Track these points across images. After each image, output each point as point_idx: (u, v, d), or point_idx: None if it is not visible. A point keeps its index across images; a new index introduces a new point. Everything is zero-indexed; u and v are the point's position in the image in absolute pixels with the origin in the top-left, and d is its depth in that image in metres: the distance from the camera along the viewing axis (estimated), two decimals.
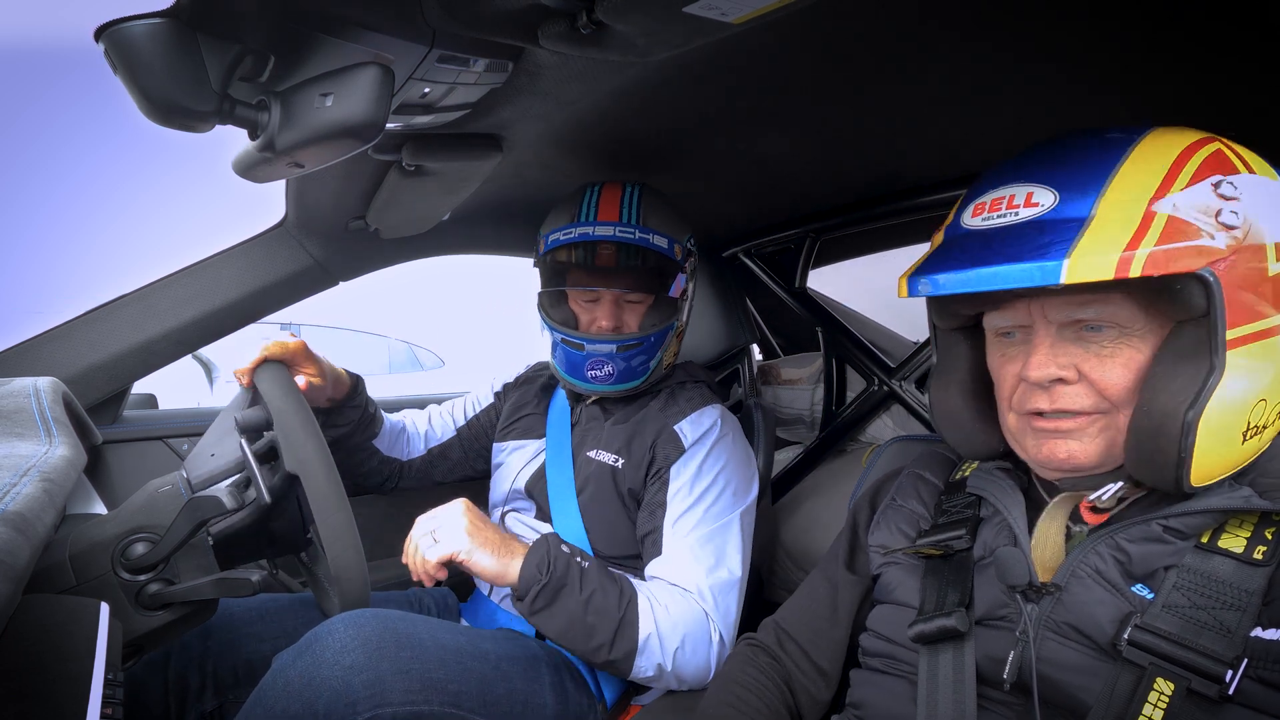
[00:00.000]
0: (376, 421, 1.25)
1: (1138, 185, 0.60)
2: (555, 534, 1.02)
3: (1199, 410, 0.57)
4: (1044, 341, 0.65)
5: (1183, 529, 0.62)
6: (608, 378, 1.14)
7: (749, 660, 0.87)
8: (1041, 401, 0.65)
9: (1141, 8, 0.69)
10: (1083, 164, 0.63)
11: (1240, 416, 0.59)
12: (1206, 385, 0.58)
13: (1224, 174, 0.60)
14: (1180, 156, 0.61)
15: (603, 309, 1.15)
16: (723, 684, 0.86)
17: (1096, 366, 0.63)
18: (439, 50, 0.65)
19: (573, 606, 0.92)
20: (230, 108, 0.59)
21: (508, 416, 1.31)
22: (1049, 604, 0.65)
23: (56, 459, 0.69)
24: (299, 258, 1.32)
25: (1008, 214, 0.63)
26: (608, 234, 1.10)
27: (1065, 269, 0.56)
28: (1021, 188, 0.64)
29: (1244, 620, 0.57)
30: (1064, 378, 0.64)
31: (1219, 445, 0.59)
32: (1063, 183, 0.62)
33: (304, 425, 0.85)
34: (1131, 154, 0.62)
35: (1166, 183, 0.59)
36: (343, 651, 0.80)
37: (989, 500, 0.75)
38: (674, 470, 1.09)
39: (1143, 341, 0.62)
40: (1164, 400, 0.59)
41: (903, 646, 0.74)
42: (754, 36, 0.67)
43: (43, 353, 1.17)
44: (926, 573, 0.75)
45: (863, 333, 1.53)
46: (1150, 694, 0.57)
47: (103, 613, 0.61)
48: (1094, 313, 0.62)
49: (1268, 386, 0.60)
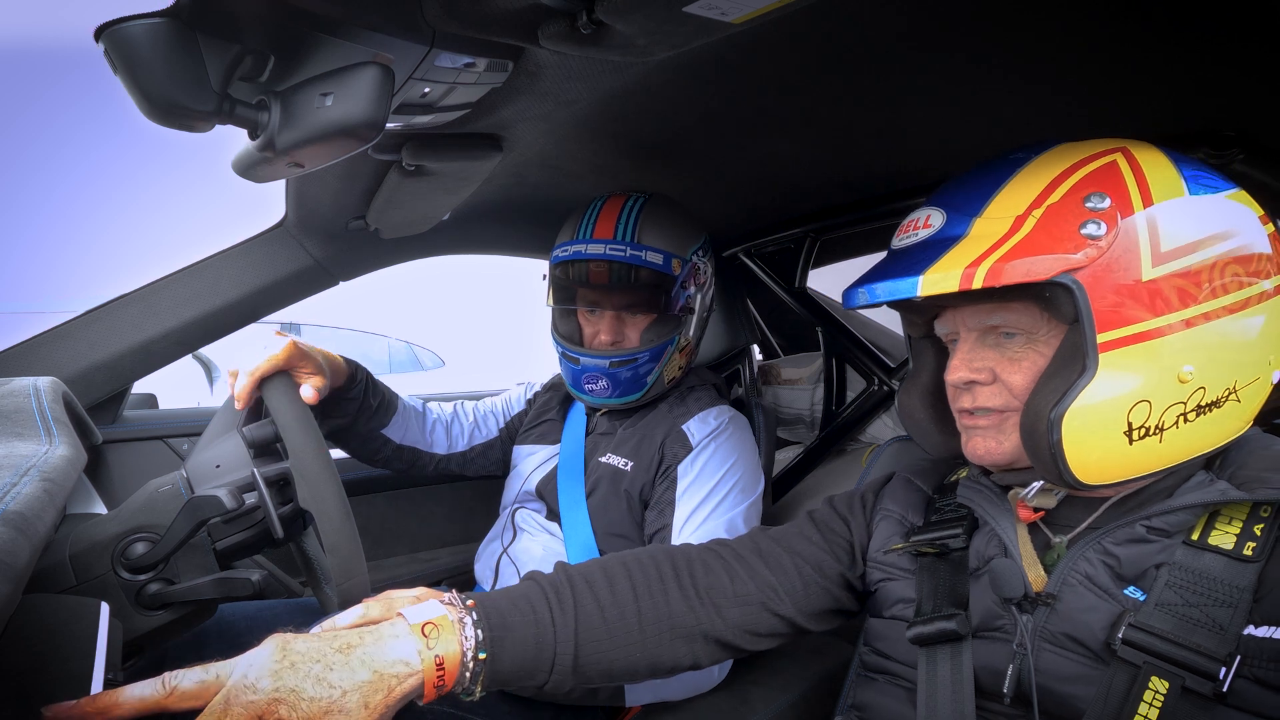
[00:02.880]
0: (385, 410, 1.22)
1: (1012, 203, 0.65)
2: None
3: (1062, 409, 0.61)
4: (963, 347, 0.71)
5: (1165, 527, 0.63)
6: (604, 391, 1.15)
7: (694, 553, 0.81)
8: (964, 400, 0.71)
9: (1143, 10, 0.69)
10: (975, 185, 0.69)
11: (1116, 416, 0.61)
12: (1074, 385, 0.61)
13: (1100, 188, 0.62)
14: (1065, 172, 0.65)
15: (604, 323, 1.16)
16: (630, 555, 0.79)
17: (1006, 369, 0.68)
18: (439, 50, 0.65)
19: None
20: (230, 107, 0.59)
21: (530, 421, 1.33)
22: (1043, 614, 0.65)
23: (56, 459, 0.69)
24: (299, 258, 1.32)
25: (914, 234, 0.70)
26: (598, 253, 1.12)
27: (920, 283, 0.63)
28: (926, 210, 0.71)
29: (1236, 616, 0.57)
30: (977, 379, 0.69)
31: (1097, 443, 0.62)
32: (951, 204, 0.69)
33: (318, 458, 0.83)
34: (1020, 173, 0.67)
35: (1040, 199, 0.64)
36: None
37: (976, 511, 0.75)
38: (681, 469, 1.10)
39: (1046, 346, 0.66)
40: (1038, 400, 0.64)
41: (901, 662, 0.74)
42: (754, 36, 0.67)
43: (43, 353, 1.17)
44: (922, 573, 0.75)
45: (863, 333, 1.53)
46: (1145, 693, 0.57)
47: (103, 613, 0.61)
48: (1000, 319, 0.67)
49: (1147, 388, 0.61)
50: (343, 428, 1.17)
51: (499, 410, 1.39)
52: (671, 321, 1.17)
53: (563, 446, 1.23)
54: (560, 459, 1.22)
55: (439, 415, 1.34)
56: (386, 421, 1.23)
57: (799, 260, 1.57)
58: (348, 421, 1.17)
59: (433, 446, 1.30)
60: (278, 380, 0.91)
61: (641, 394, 1.17)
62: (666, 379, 1.19)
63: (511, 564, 1.18)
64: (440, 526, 1.71)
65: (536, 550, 1.16)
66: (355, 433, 1.19)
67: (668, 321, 1.17)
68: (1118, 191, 0.62)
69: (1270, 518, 0.61)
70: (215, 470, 0.83)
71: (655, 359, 1.15)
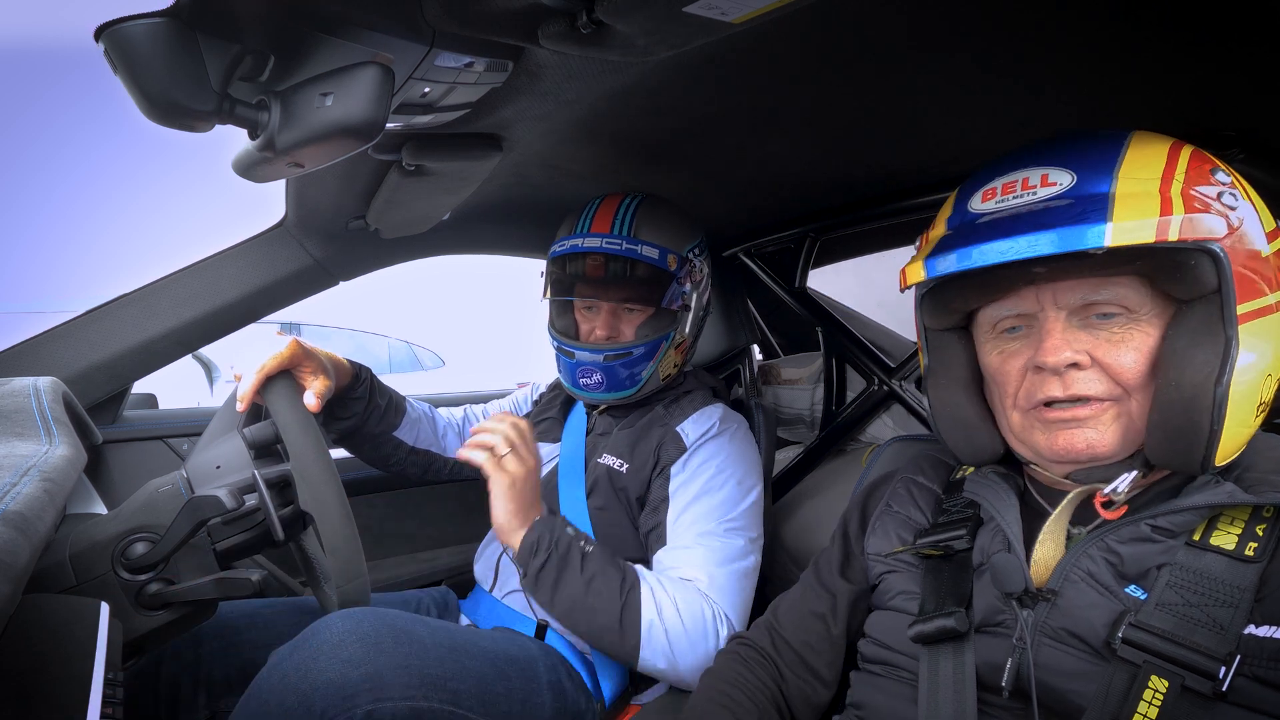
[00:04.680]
0: (393, 412, 1.22)
1: (1144, 167, 0.62)
2: (564, 516, 1.04)
3: (1227, 383, 0.58)
4: (1055, 327, 0.65)
5: (1170, 527, 0.62)
6: (597, 386, 1.16)
7: (739, 659, 0.87)
8: (1055, 388, 0.64)
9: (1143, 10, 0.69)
10: (1089, 149, 0.64)
11: (1256, 390, 0.60)
12: (1228, 358, 0.58)
13: (1214, 164, 0.64)
14: (1172, 149, 0.64)
15: (600, 318, 1.17)
16: (712, 681, 0.86)
17: (1110, 351, 0.63)
18: (439, 50, 0.65)
19: (574, 588, 0.93)
20: (230, 107, 0.59)
21: (533, 419, 1.35)
22: (1044, 610, 0.65)
23: (56, 459, 0.69)
24: (299, 258, 1.32)
25: (1024, 194, 0.64)
26: (595, 245, 1.14)
27: (1110, 231, 0.56)
28: (1034, 170, 0.64)
29: (1237, 617, 0.57)
30: (1079, 362, 0.63)
31: (1240, 420, 0.60)
32: (1075, 163, 0.63)
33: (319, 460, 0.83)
34: (1130, 144, 0.65)
35: (1170, 168, 0.62)
36: (340, 645, 0.80)
37: (983, 506, 0.74)
38: (675, 468, 1.10)
39: (1150, 325, 0.63)
40: (1191, 375, 0.60)
41: (901, 653, 0.74)
42: (754, 36, 0.67)
43: (43, 353, 1.17)
44: (926, 573, 0.75)
45: (863, 333, 1.52)
46: (1145, 692, 0.57)
47: (103, 613, 0.61)
48: (1107, 295, 0.63)
49: (1272, 362, 0.61)
50: (352, 429, 1.18)
51: (509, 411, 1.40)
52: (667, 317, 1.18)
53: (563, 446, 1.24)
54: (560, 459, 1.22)
55: (450, 420, 1.35)
56: (397, 423, 1.23)
57: (799, 260, 1.56)
58: (356, 423, 1.17)
59: (447, 450, 1.31)
60: (279, 381, 0.91)
61: (636, 389, 1.17)
62: (662, 376, 1.19)
63: (511, 564, 1.18)
64: (440, 526, 1.71)
65: None
66: (366, 434, 1.20)
67: (663, 317, 1.18)
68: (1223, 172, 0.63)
69: (1272, 519, 0.61)
70: (216, 471, 0.83)
71: (650, 354, 1.16)
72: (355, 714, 0.76)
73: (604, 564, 0.97)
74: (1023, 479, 0.77)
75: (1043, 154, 0.66)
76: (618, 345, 1.15)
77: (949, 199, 0.74)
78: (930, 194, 1.25)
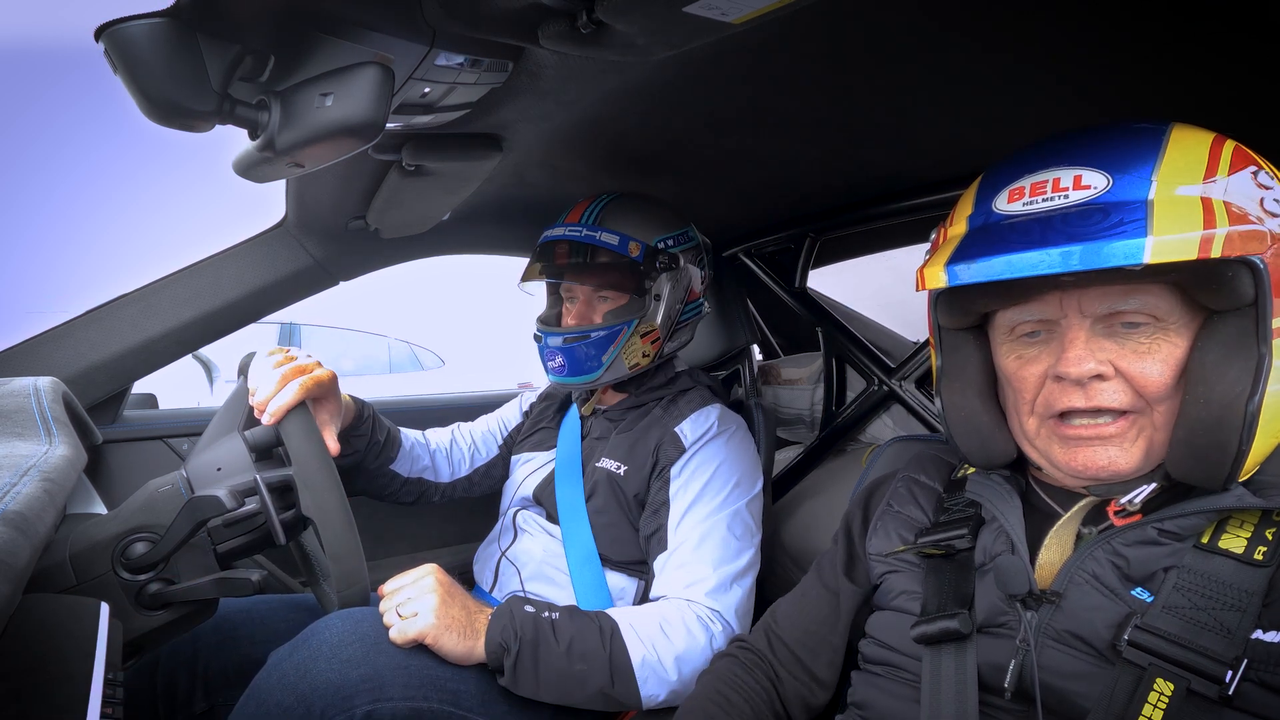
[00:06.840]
0: (391, 446, 1.23)
1: (1186, 170, 0.58)
2: (517, 597, 1.00)
3: (1259, 401, 0.56)
4: (1079, 336, 0.62)
5: (1178, 531, 0.62)
6: (560, 369, 1.19)
7: (736, 661, 0.87)
8: (1076, 399, 0.62)
9: (1143, 10, 0.69)
10: (1125, 148, 0.60)
11: None
12: (1261, 375, 0.56)
13: (1256, 164, 0.59)
14: (1214, 146, 0.60)
15: (574, 306, 1.21)
16: (708, 682, 0.86)
17: (1135, 362, 0.60)
18: (439, 50, 0.65)
19: (556, 661, 0.89)
20: (230, 108, 0.59)
21: (526, 430, 1.36)
22: (1048, 612, 0.64)
23: (56, 459, 0.69)
24: (299, 258, 1.32)
25: (1055, 197, 0.60)
26: (558, 234, 1.18)
27: (1150, 247, 0.52)
28: (1065, 171, 0.60)
29: (1244, 621, 0.57)
30: (1102, 373, 0.61)
31: (1270, 433, 0.58)
32: (1111, 165, 0.59)
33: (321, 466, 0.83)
34: (1170, 140, 0.60)
35: (1211, 169, 0.58)
36: (340, 645, 0.80)
37: (986, 506, 0.74)
38: (674, 470, 1.10)
39: (1178, 335, 0.60)
40: (1221, 392, 0.57)
41: (903, 654, 0.74)
42: (754, 36, 0.67)
43: (43, 353, 1.17)
44: (928, 573, 0.75)
45: (863, 333, 1.52)
46: (1150, 694, 0.57)
47: (103, 612, 0.61)
48: (1136, 304, 0.59)
49: None
50: (353, 465, 1.18)
51: (494, 430, 1.41)
52: (634, 304, 1.19)
53: (558, 451, 1.24)
54: (556, 464, 1.22)
55: (438, 445, 1.35)
56: (394, 456, 1.24)
57: (799, 260, 1.56)
58: (357, 459, 1.18)
59: (438, 476, 1.32)
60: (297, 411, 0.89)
61: (598, 374, 1.18)
62: (629, 364, 1.19)
63: (511, 565, 1.18)
64: (440, 526, 1.71)
65: (537, 551, 1.16)
66: (365, 470, 1.21)
67: (634, 306, 1.19)
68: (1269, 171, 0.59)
69: None
70: (216, 473, 0.83)
71: (611, 339, 1.16)
72: (355, 714, 0.76)
73: (576, 623, 0.93)
74: (1025, 479, 0.76)
75: (1075, 150, 0.61)
76: (577, 329, 1.18)
77: (968, 193, 0.71)
78: (930, 194, 1.25)
